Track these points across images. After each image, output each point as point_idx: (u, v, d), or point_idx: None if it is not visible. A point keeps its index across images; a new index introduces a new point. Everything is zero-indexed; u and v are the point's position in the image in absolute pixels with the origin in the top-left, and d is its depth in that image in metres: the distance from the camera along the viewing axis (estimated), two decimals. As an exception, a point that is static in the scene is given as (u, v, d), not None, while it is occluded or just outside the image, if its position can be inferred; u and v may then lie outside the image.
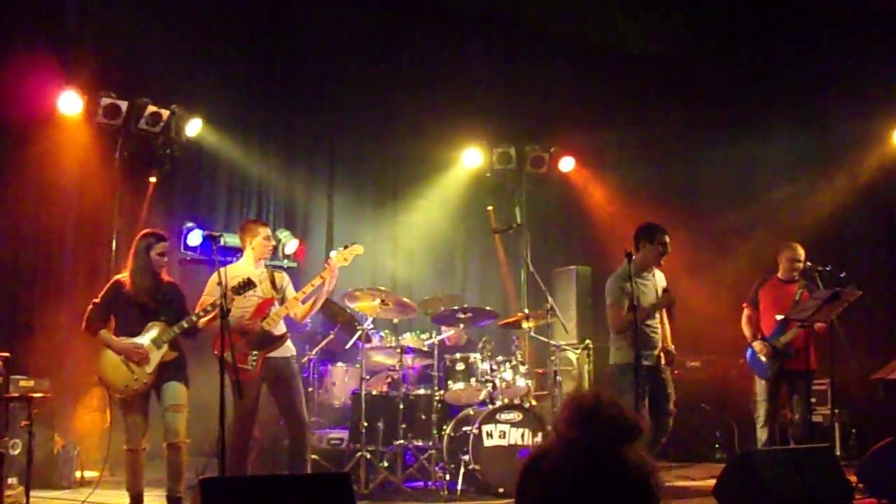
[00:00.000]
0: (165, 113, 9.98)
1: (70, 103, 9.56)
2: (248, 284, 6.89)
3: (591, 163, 12.31)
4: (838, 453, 8.46)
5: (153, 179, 10.13)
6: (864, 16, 11.16)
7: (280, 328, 7.40)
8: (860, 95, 11.10)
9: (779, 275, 8.81)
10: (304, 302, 7.47)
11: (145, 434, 6.86)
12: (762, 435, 8.44)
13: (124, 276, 7.00)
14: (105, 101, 9.70)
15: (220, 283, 6.42)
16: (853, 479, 7.14)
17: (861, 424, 10.09)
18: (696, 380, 10.99)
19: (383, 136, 12.10)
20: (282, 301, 7.50)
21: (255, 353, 7.19)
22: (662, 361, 7.75)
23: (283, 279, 7.64)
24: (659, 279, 7.91)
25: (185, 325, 6.83)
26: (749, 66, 12.21)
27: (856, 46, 11.22)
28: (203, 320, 6.91)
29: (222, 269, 6.66)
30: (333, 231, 11.68)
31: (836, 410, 9.34)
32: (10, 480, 7.75)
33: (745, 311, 8.81)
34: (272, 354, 7.31)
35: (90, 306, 6.95)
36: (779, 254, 8.83)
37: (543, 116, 12.20)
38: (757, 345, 8.60)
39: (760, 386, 8.63)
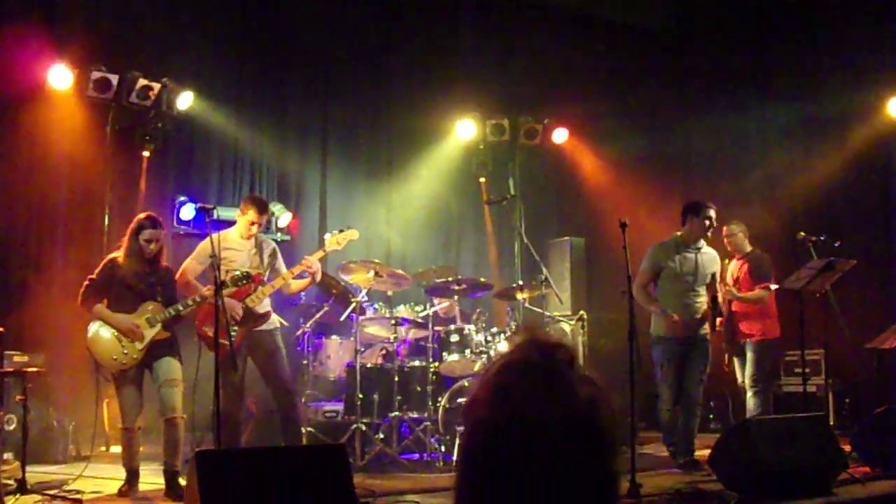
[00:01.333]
0: (156, 86, 9.87)
1: (60, 77, 9.44)
2: (246, 278, 6.95)
3: (584, 134, 12.25)
4: (832, 423, 8.49)
5: (146, 154, 10.04)
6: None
7: (264, 306, 7.45)
8: (853, 66, 11.05)
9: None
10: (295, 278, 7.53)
11: (139, 412, 6.88)
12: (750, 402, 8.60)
13: (119, 255, 6.99)
14: (96, 74, 9.59)
15: (212, 256, 6.44)
16: (847, 447, 7.18)
17: (854, 394, 10.11)
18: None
19: (376, 108, 12.06)
20: (268, 271, 7.56)
21: (235, 327, 7.18)
22: (706, 332, 8.05)
23: (271, 250, 7.70)
24: (707, 257, 8.14)
25: (181, 308, 6.87)
26: (742, 36, 12.16)
27: (849, 17, 11.16)
28: (193, 308, 6.95)
29: (215, 236, 6.69)
30: (327, 203, 11.63)
31: (830, 380, 9.36)
32: (5, 455, 7.81)
33: None
34: (256, 328, 7.38)
35: (86, 282, 6.95)
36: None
37: (537, 88, 12.13)
38: None
39: None
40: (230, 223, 7.75)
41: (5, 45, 9.09)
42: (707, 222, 8.00)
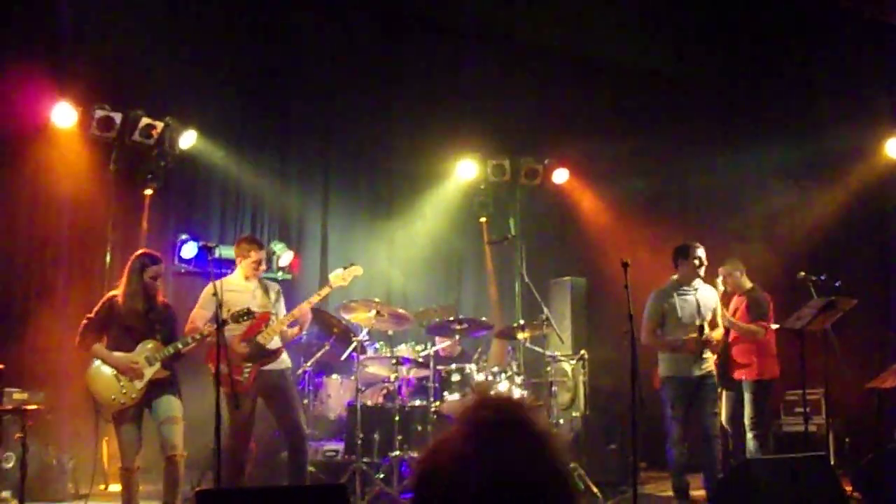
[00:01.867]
0: (159, 125, 9.90)
1: (64, 115, 9.47)
2: (247, 314, 6.95)
3: (585, 174, 12.26)
4: (832, 462, 8.47)
5: (149, 192, 10.06)
6: (855, 27, 11.18)
7: (275, 342, 7.40)
8: (852, 107, 11.12)
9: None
10: (290, 327, 7.53)
11: (139, 452, 6.84)
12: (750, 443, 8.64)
13: (117, 293, 6.99)
14: (99, 113, 9.62)
15: (215, 294, 6.45)
16: (848, 487, 7.15)
17: (854, 433, 10.08)
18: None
19: (378, 148, 12.05)
20: (274, 309, 7.52)
21: (248, 365, 7.22)
22: (711, 371, 8.14)
23: (276, 291, 7.68)
24: (704, 295, 8.26)
25: (180, 346, 6.86)
26: (741, 77, 12.23)
27: (847, 58, 11.25)
28: (192, 346, 6.94)
29: (217, 282, 6.65)
30: (328, 243, 11.64)
31: (830, 419, 9.35)
32: (3, 494, 7.79)
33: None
34: (266, 367, 7.33)
35: (84, 321, 6.96)
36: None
37: (538, 129, 12.15)
38: None
39: None
40: (232, 262, 7.75)
41: (9, 82, 9.15)
42: (696, 262, 8.17)
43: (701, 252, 8.19)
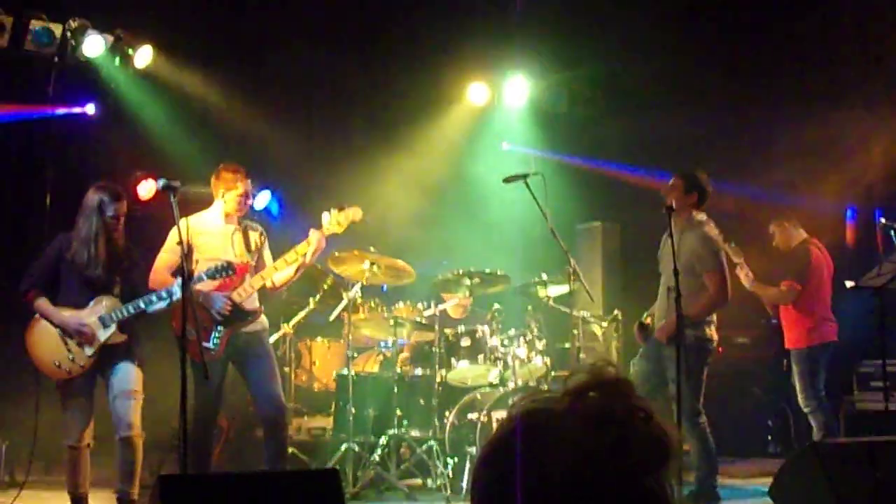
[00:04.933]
0: (109, 39, 9.81)
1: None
2: (225, 269, 6.88)
3: (620, 98, 12.14)
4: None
5: (90, 110, 9.94)
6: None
7: (253, 301, 7.36)
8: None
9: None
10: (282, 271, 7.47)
11: (88, 426, 6.82)
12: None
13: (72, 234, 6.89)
14: (35, 24, 9.51)
15: (179, 243, 6.30)
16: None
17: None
18: (744, 359, 10.96)
19: (372, 67, 11.89)
20: (257, 267, 7.48)
21: (219, 328, 7.17)
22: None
23: (260, 239, 7.63)
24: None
25: (142, 306, 6.78)
26: None
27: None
28: (160, 306, 6.84)
29: (183, 221, 6.55)
30: (313, 181, 11.55)
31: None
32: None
33: None
34: (243, 329, 7.29)
35: (29, 269, 6.89)
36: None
37: (562, 41, 12.01)
38: None
39: None
40: (204, 203, 7.61)
41: None
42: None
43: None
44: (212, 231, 7.32)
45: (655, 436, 1.55)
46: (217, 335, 7.14)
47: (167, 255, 7.18)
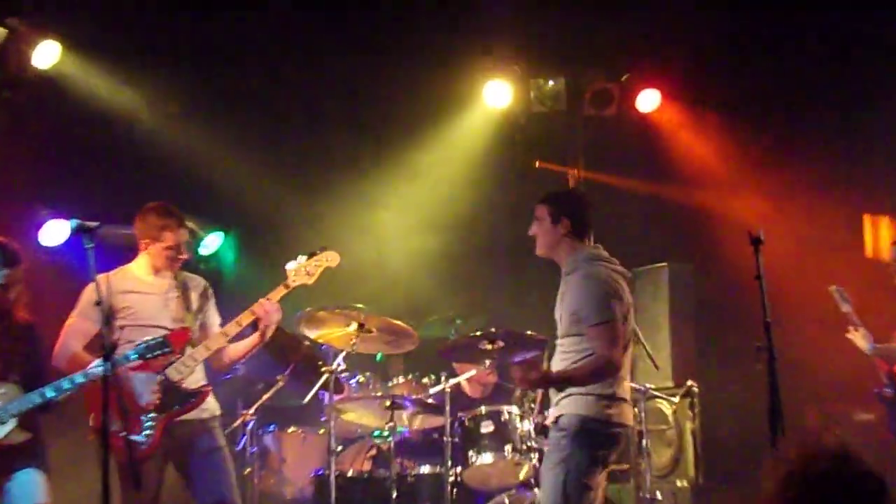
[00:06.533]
0: (2, 31, 9.87)
1: None
2: (160, 346, 6.74)
3: (688, 99, 12.20)
4: None
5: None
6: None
7: (196, 377, 7.37)
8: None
9: None
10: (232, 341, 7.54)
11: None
12: None
13: None
14: None
15: (99, 303, 6.16)
16: None
17: None
18: (867, 444, 10.72)
19: (365, 65, 11.94)
20: (201, 333, 7.53)
21: (151, 415, 7.09)
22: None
23: (201, 291, 7.71)
24: None
25: (49, 395, 6.71)
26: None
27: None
28: (70, 393, 6.77)
29: (102, 279, 6.41)
30: (283, 217, 11.58)
31: None
32: None
33: None
34: (181, 417, 7.23)
35: None
36: None
37: (609, 30, 11.97)
38: None
39: None
40: (128, 253, 7.60)
41: None
42: None
43: None
44: (140, 289, 7.37)
45: None
46: (149, 424, 7.07)
47: (80, 321, 7.25)
